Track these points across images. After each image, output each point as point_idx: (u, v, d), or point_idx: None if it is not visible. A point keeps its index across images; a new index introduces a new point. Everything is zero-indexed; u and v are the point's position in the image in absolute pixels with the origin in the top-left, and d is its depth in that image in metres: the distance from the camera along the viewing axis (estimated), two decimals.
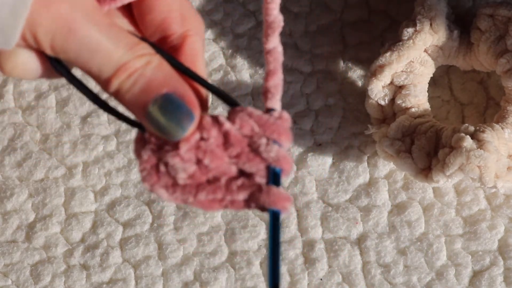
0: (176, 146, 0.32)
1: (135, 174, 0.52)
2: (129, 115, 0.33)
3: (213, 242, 0.51)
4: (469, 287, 0.49)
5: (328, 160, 0.51)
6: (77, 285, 0.51)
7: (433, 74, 0.50)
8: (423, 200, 0.51)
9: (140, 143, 0.33)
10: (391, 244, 0.50)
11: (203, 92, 0.34)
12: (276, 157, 0.32)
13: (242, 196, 0.32)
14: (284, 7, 0.53)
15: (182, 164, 0.32)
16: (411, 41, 0.48)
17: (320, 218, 0.51)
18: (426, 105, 0.49)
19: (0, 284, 0.51)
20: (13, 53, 0.32)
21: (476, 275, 0.50)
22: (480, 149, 0.45)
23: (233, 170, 0.32)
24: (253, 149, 0.32)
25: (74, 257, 0.51)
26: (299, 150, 0.52)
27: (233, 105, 0.33)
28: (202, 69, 0.35)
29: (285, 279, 0.50)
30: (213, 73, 0.53)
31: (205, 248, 0.51)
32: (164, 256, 0.51)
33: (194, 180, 0.32)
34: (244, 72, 0.53)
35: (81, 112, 0.53)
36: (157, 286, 0.51)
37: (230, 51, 0.53)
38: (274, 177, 0.32)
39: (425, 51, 0.49)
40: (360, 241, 0.50)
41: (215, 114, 0.33)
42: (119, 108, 0.33)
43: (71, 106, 0.53)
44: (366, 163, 0.51)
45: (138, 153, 0.33)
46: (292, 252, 0.51)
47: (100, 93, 0.37)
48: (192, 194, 0.32)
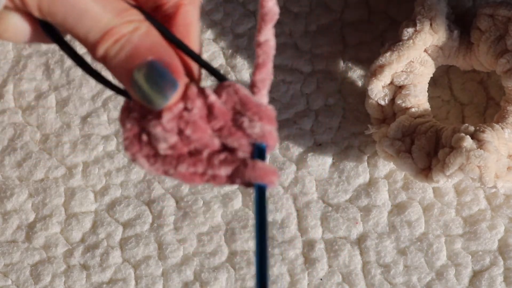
0: (159, 115, 0.32)
1: (135, 174, 0.52)
2: (117, 83, 0.33)
3: (213, 242, 0.51)
4: (469, 287, 0.49)
5: (328, 160, 0.51)
6: (77, 285, 0.51)
7: (433, 74, 0.50)
8: (423, 200, 0.51)
9: (125, 112, 0.33)
10: (391, 244, 0.50)
11: (194, 63, 0.34)
12: (261, 132, 0.32)
13: (224, 171, 0.32)
14: (284, 7, 0.53)
15: (164, 134, 0.32)
16: (411, 41, 0.48)
17: (320, 218, 0.51)
18: (426, 105, 0.49)
19: (0, 284, 0.51)
20: (4, 16, 0.32)
21: (476, 275, 0.50)
22: (480, 149, 0.45)
23: (216, 143, 0.32)
24: (237, 124, 0.32)
25: (74, 257, 0.51)
26: (299, 150, 0.52)
27: (221, 80, 0.33)
28: (195, 40, 0.34)
29: (285, 279, 0.50)
30: None
31: (205, 248, 0.51)
32: (164, 256, 0.51)
33: (176, 151, 0.32)
34: (244, 72, 0.53)
35: (81, 112, 0.53)
36: (157, 286, 0.51)
37: (230, 51, 0.53)
38: (259, 152, 0.32)
39: (425, 51, 0.49)
40: (360, 241, 0.50)
41: (202, 86, 0.33)
42: (109, 77, 0.33)
43: (71, 106, 0.53)
44: (366, 163, 0.51)
45: (122, 122, 0.33)
46: (292, 252, 0.51)
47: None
48: (172, 166, 0.32)
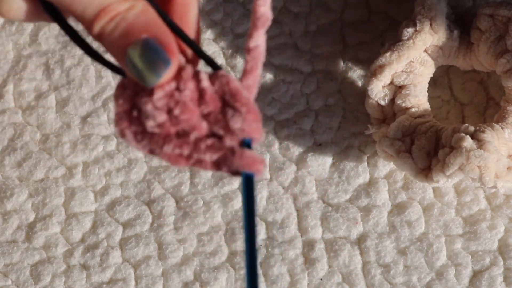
0: (151, 92, 0.32)
1: (135, 174, 0.52)
2: (114, 61, 0.34)
3: (213, 242, 0.51)
4: (469, 287, 0.49)
5: (328, 160, 0.52)
6: (77, 285, 0.51)
7: (433, 74, 0.50)
8: (423, 200, 0.51)
9: (120, 89, 0.33)
10: (391, 244, 0.50)
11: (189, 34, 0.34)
12: (245, 128, 0.32)
13: (210, 156, 0.32)
14: (284, 7, 0.53)
15: (153, 111, 0.32)
16: (411, 41, 0.48)
17: (320, 218, 0.51)
18: (426, 105, 0.49)
19: (0, 284, 0.51)
20: None
21: (476, 275, 0.50)
22: (480, 149, 0.45)
23: (204, 127, 0.32)
24: (224, 114, 0.32)
25: (74, 257, 0.51)
26: (299, 150, 0.52)
27: (216, 69, 0.33)
28: (192, 23, 0.35)
29: (285, 279, 0.50)
30: None
31: (205, 248, 0.51)
32: (164, 256, 0.51)
33: (163, 130, 0.32)
34: None
35: (81, 112, 0.53)
36: (157, 286, 0.51)
37: (230, 51, 0.53)
38: (246, 143, 0.33)
39: (425, 51, 0.49)
40: (360, 241, 0.50)
41: (198, 70, 0.33)
42: (107, 57, 0.33)
43: (71, 106, 0.53)
44: (366, 163, 0.51)
45: (116, 98, 0.33)
46: (292, 252, 0.51)
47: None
48: (159, 145, 0.32)
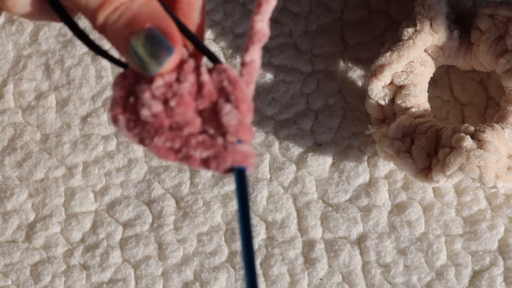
0: (150, 81, 0.32)
1: (135, 174, 0.52)
2: (117, 56, 0.33)
3: (213, 242, 0.51)
4: (469, 287, 0.49)
5: (328, 160, 0.51)
6: (77, 285, 0.51)
7: (433, 74, 0.50)
8: (423, 200, 0.51)
9: (119, 78, 0.33)
10: (391, 244, 0.50)
11: (193, 28, 0.34)
12: (236, 125, 0.32)
13: (199, 153, 0.32)
14: (284, 7, 0.53)
15: (150, 100, 0.32)
16: (411, 41, 0.48)
17: (320, 218, 0.51)
18: (426, 105, 0.49)
19: (0, 284, 0.51)
20: None
21: (476, 275, 0.50)
22: (480, 149, 0.45)
23: (197, 123, 0.32)
24: (218, 110, 0.32)
25: (74, 257, 0.51)
26: (299, 150, 0.52)
27: (216, 62, 0.33)
28: (195, 21, 0.35)
29: (285, 279, 0.50)
30: None
31: (205, 248, 0.51)
32: (164, 256, 0.51)
33: (157, 121, 0.32)
34: None
35: (81, 112, 0.53)
36: (157, 286, 0.51)
37: (230, 51, 0.53)
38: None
39: (425, 51, 0.49)
40: (360, 241, 0.50)
41: (200, 63, 0.33)
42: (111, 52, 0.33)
43: (71, 106, 0.53)
44: (366, 163, 0.51)
45: (114, 85, 0.33)
46: (292, 252, 0.51)
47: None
48: (150, 135, 0.32)
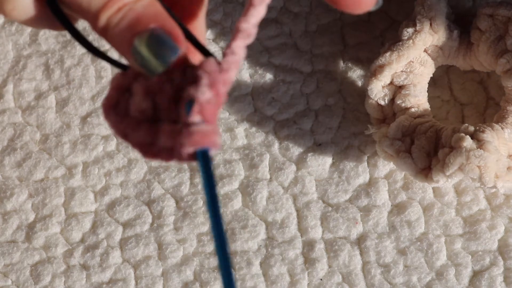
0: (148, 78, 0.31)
1: (135, 174, 0.52)
2: (119, 60, 0.33)
3: (213, 242, 0.51)
4: (469, 287, 0.49)
5: (328, 160, 0.51)
6: (77, 285, 0.51)
7: (433, 74, 0.50)
8: (423, 200, 0.51)
9: (119, 75, 0.33)
10: (391, 244, 0.50)
11: (198, 34, 0.34)
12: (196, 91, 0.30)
13: (165, 142, 0.31)
14: (284, 7, 0.53)
15: (143, 95, 0.31)
16: (411, 41, 0.48)
17: (320, 218, 0.51)
18: (426, 105, 0.49)
19: (0, 284, 0.51)
20: None
21: (476, 275, 0.50)
22: (480, 149, 0.45)
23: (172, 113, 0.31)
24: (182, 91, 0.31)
25: (74, 257, 0.51)
26: (299, 150, 0.52)
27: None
28: (202, 30, 0.34)
29: (285, 279, 0.50)
30: None
31: (205, 248, 0.51)
32: (164, 256, 0.51)
33: (142, 115, 0.31)
34: (244, 72, 0.53)
35: (81, 112, 0.53)
36: (157, 286, 0.51)
37: None
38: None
39: (425, 51, 0.49)
40: (360, 241, 0.50)
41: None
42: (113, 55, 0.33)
43: (71, 106, 0.53)
44: (366, 163, 0.51)
45: (112, 81, 0.32)
46: (292, 252, 0.50)
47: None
48: (131, 129, 0.31)
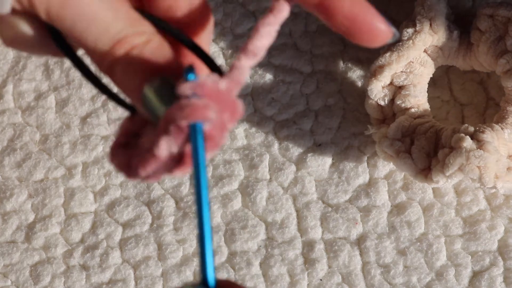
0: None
1: None
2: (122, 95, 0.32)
3: (213, 243, 0.51)
4: None
5: (328, 160, 0.51)
6: (76, 285, 0.51)
7: (433, 74, 0.50)
8: (422, 201, 0.51)
9: (127, 121, 0.31)
10: (391, 244, 0.50)
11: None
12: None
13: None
14: None
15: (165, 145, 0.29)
16: (411, 41, 0.48)
17: (320, 219, 0.51)
18: (426, 106, 0.49)
19: (0, 284, 0.51)
20: (11, 22, 0.30)
21: (476, 275, 0.50)
22: (480, 149, 0.45)
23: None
24: None
25: (73, 257, 0.51)
26: (299, 150, 0.52)
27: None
28: (208, 40, 0.33)
29: (285, 280, 0.50)
30: None
31: None
32: (163, 256, 0.51)
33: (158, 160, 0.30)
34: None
35: (81, 112, 0.53)
36: (156, 286, 0.51)
37: (230, 51, 0.53)
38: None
39: (425, 51, 0.49)
40: (359, 242, 0.50)
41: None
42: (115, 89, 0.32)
43: (71, 106, 0.53)
44: (365, 164, 0.51)
45: (120, 128, 0.31)
46: (291, 253, 0.51)
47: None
48: (142, 164, 0.30)
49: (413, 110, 0.49)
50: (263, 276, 0.50)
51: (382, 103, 0.49)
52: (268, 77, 0.53)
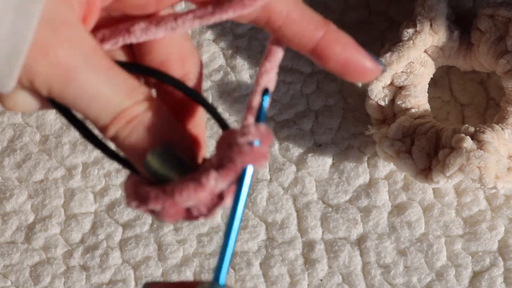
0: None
1: None
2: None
3: (213, 243, 0.51)
4: None
5: (328, 160, 0.51)
6: (77, 286, 0.51)
7: (433, 74, 0.50)
8: (423, 201, 0.50)
9: (131, 182, 0.32)
10: (391, 244, 0.50)
11: (201, 132, 0.34)
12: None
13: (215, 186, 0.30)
14: None
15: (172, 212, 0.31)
16: (411, 41, 0.48)
17: (320, 219, 0.51)
18: (426, 106, 0.49)
19: (0, 285, 0.51)
20: (15, 96, 0.31)
21: (476, 275, 0.50)
22: (480, 149, 0.45)
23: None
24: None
25: (73, 258, 0.51)
26: (299, 150, 0.52)
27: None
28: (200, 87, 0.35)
29: (285, 280, 0.50)
30: (213, 74, 0.53)
31: (204, 249, 0.51)
32: (163, 257, 0.51)
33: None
34: (244, 72, 0.53)
35: None
36: None
37: (230, 51, 0.53)
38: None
39: (425, 51, 0.49)
40: (360, 242, 0.50)
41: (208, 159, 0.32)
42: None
43: None
44: (366, 164, 0.51)
45: (125, 188, 0.32)
46: (292, 253, 0.50)
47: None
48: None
49: (413, 110, 0.48)
50: (264, 277, 0.50)
51: (382, 103, 0.49)
52: None
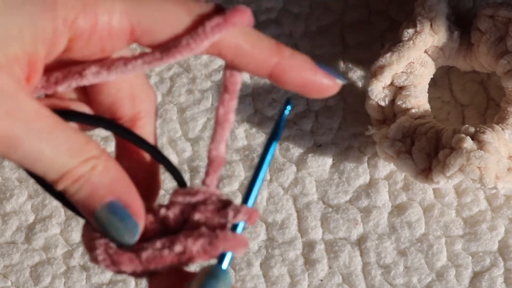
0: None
1: None
2: None
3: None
4: None
5: (328, 161, 0.51)
6: (77, 286, 0.51)
7: (434, 75, 0.50)
8: (423, 201, 0.50)
9: (88, 232, 0.33)
10: (391, 245, 0.50)
11: (155, 177, 0.34)
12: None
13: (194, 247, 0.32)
14: (284, 8, 0.53)
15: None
16: (411, 42, 0.48)
17: (320, 219, 0.51)
18: (426, 106, 0.49)
19: (0, 285, 0.51)
20: None
21: (477, 276, 0.50)
22: (481, 150, 0.45)
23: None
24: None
25: (74, 258, 0.51)
26: (299, 151, 0.52)
27: (182, 184, 0.33)
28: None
29: (286, 280, 0.50)
30: (213, 74, 0.53)
31: None
32: None
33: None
34: (244, 72, 0.53)
35: None
36: None
37: None
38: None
39: (425, 52, 0.49)
40: (360, 242, 0.50)
41: (157, 205, 0.33)
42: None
43: None
44: (366, 164, 0.51)
45: (84, 238, 0.33)
46: (292, 253, 0.50)
47: None
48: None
49: (413, 110, 0.48)
50: (264, 277, 0.50)
51: (382, 103, 0.49)
52: None
